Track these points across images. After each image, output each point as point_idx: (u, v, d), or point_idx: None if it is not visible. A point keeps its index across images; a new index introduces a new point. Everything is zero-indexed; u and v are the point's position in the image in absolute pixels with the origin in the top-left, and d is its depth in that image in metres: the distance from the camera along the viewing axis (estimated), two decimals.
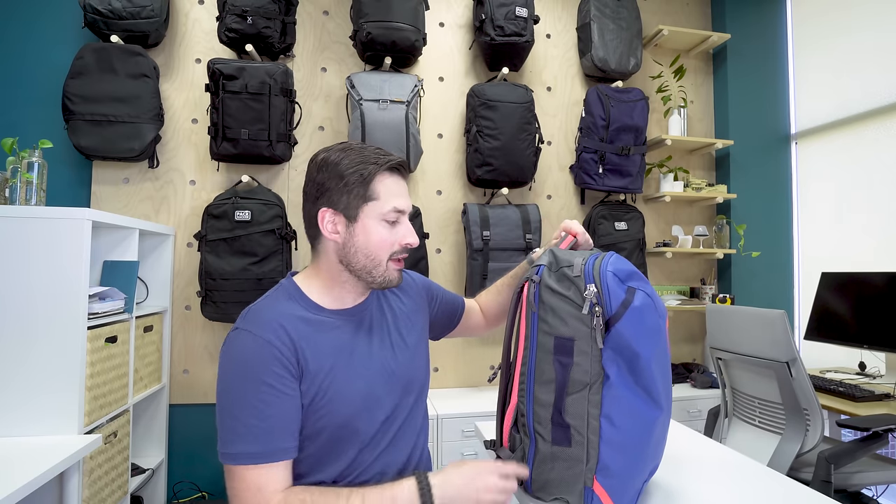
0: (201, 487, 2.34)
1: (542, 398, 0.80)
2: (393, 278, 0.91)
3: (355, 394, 0.86)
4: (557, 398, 0.78)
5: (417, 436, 0.96)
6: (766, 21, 3.08)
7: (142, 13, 2.21)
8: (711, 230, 2.96)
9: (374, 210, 0.87)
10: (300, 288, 0.91)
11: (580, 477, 0.78)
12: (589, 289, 0.76)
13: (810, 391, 1.67)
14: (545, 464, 0.81)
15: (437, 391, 2.57)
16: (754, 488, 0.93)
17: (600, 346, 0.76)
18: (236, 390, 0.79)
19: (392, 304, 1.00)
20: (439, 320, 1.13)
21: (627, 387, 0.77)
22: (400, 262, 0.92)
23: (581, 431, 0.78)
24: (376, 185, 0.87)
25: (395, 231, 0.89)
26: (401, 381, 0.92)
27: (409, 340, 0.98)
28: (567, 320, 0.78)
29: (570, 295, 0.78)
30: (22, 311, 1.49)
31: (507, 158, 2.47)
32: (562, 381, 0.78)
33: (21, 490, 1.13)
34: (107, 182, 2.33)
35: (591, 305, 0.76)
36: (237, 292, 2.15)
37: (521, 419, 0.84)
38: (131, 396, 1.89)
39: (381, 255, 0.88)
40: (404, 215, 0.91)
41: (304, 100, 2.51)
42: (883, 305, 2.09)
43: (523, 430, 0.84)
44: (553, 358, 0.78)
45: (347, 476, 0.86)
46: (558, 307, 0.79)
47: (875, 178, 2.55)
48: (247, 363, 0.80)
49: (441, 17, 2.71)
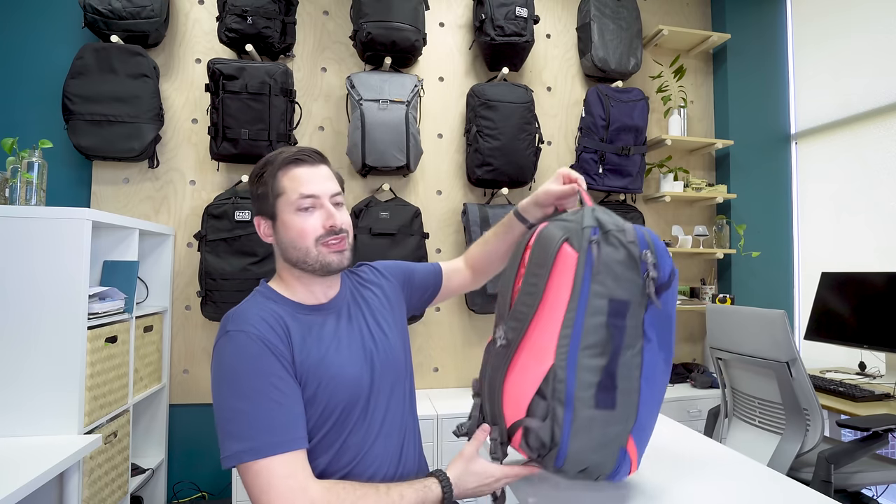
0: (201, 487, 2.34)
1: (589, 362, 0.78)
2: (331, 261, 0.91)
3: (350, 381, 0.88)
4: (611, 361, 0.78)
5: (404, 421, 0.97)
6: (766, 21, 3.08)
7: (142, 13, 2.21)
8: (711, 230, 2.96)
9: (285, 203, 0.90)
10: (275, 290, 0.93)
11: (619, 438, 0.79)
12: (645, 255, 0.78)
13: (810, 391, 1.67)
14: (584, 430, 0.78)
15: (437, 391, 2.57)
16: (754, 488, 0.93)
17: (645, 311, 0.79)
18: (244, 389, 0.79)
19: (366, 297, 1.02)
20: (418, 295, 1.14)
21: (660, 347, 0.81)
22: (332, 244, 0.91)
23: (627, 393, 0.79)
24: (280, 179, 0.91)
25: (313, 217, 0.90)
26: (383, 367, 0.94)
27: (387, 329, 0.99)
28: (624, 284, 0.78)
29: (624, 259, 0.79)
30: (22, 311, 1.49)
31: (507, 158, 2.47)
32: (617, 344, 0.78)
33: (21, 490, 1.13)
34: (107, 182, 2.33)
35: (644, 271, 0.78)
36: (237, 292, 2.15)
37: (557, 385, 0.78)
38: (131, 396, 1.89)
39: (305, 244, 0.89)
40: (319, 199, 0.91)
41: (304, 100, 2.52)
42: (883, 305, 2.09)
43: (556, 397, 0.78)
44: (607, 321, 0.78)
45: (343, 464, 0.87)
46: (617, 271, 0.78)
47: (875, 178, 2.55)
48: (249, 360, 0.81)
49: (441, 17, 2.71)
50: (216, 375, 0.82)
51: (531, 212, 1.01)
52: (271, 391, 0.80)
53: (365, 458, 0.88)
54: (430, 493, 0.83)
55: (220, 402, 0.81)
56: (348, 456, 0.87)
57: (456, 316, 2.65)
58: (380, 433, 0.91)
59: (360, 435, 0.88)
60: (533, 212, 1.01)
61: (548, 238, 0.82)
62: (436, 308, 2.61)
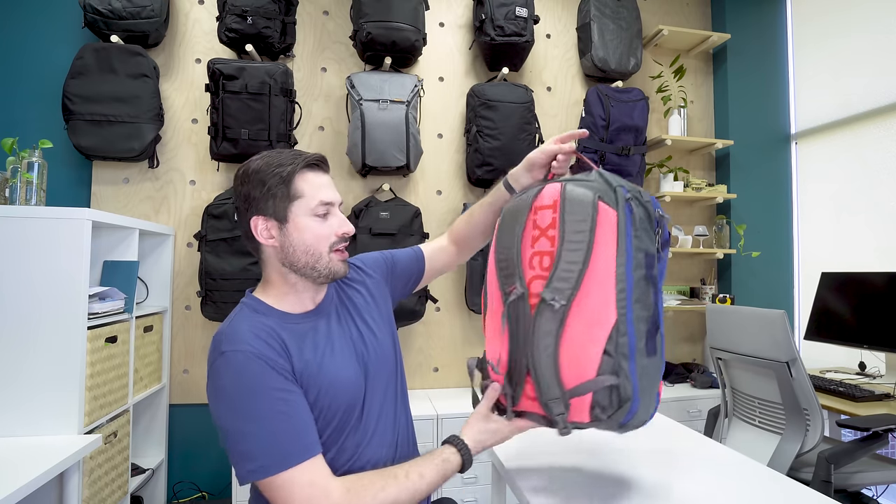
0: (201, 487, 2.34)
1: (640, 314, 0.81)
2: (338, 269, 0.92)
3: (347, 385, 0.89)
4: (656, 310, 0.83)
5: (397, 418, 0.98)
6: (766, 21, 3.08)
7: (142, 13, 2.21)
8: (711, 230, 2.96)
9: (302, 207, 0.89)
10: (263, 301, 0.92)
11: (658, 381, 0.84)
12: (658, 213, 0.84)
13: (810, 391, 1.67)
14: (645, 379, 0.81)
15: (437, 391, 2.57)
16: (754, 488, 0.93)
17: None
18: (250, 410, 0.78)
19: (352, 297, 1.01)
20: (402, 283, 1.15)
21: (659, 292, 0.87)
22: (341, 252, 0.93)
23: (660, 338, 0.84)
24: (298, 183, 0.89)
25: (327, 223, 0.91)
26: (375, 369, 0.95)
27: (375, 329, 1.00)
28: (648, 238, 0.83)
29: (645, 216, 0.84)
30: (22, 312, 1.49)
31: (507, 158, 2.47)
32: (657, 293, 0.85)
33: (21, 490, 1.13)
34: (107, 182, 2.33)
35: (657, 226, 0.85)
36: (237, 292, 2.15)
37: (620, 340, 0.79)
38: (131, 396, 1.89)
39: (320, 249, 0.89)
40: (334, 206, 0.92)
41: (304, 100, 2.51)
42: (883, 305, 2.09)
43: (621, 352, 0.79)
44: (646, 273, 0.82)
45: (339, 465, 0.87)
46: (645, 226, 0.83)
47: (875, 178, 2.55)
48: (251, 379, 0.79)
49: (441, 17, 2.71)
50: (218, 398, 0.80)
51: (521, 179, 1.02)
52: (278, 405, 0.79)
53: (360, 457, 0.89)
54: (450, 464, 0.86)
55: (227, 424, 0.79)
56: (345, 457, 0.87)
57: (456, 316, 2.65)
58: (375, 432, 0.91)
59: (356, 437, 0.89)
60: (523, 178, 1.02)
61: (581, 196, 0.82)
62: (436, 308, 2.61)
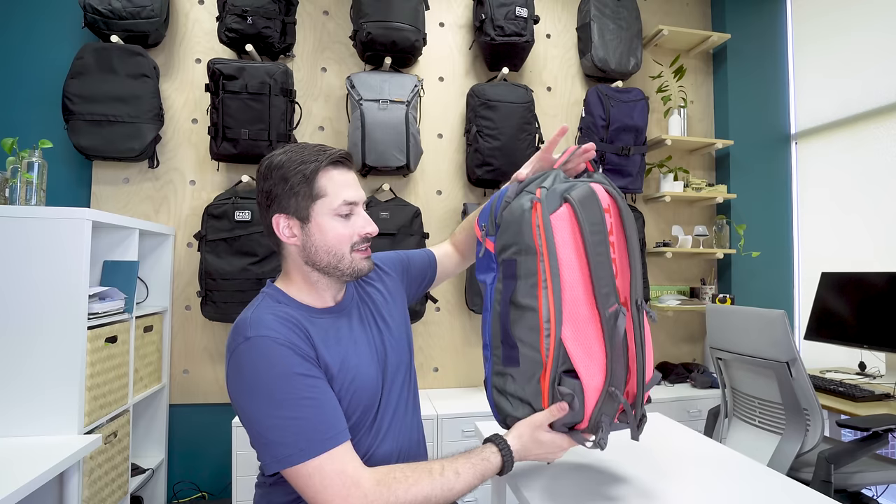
0: (201, 487, 2.34)
1: None
2: (363, 267, 0.91)
3: (368, 384, 0.89)
4: None
5: (413, 414, 0.99)
6: (765, 21, 3.08)
7: (142, 13, 2.21)
8: (711, 230, 2.96)
9: (325, 207, 0.87)
10: (284, 292, 0.91)
11: None
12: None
13: (810, 391, 1.67)
14: None
15: (437, 391, 2.57)
16: (754, 488, 0.93)
17: None
18: (278, 396, 0.77)
19: (371, 294, 1.02)
20: (416, 284, 1.15)
21: None
22: (365, 251, 0.92)
23: None
24: (321, 181, 0.87)
25: (350, 223, 0.90)
26: (393, 368, 0.96)
27: (393, 326, 1.00)
28: None
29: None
30: (22, 311, 1.49)
31: (507, 158, 2.47)
32: None
33: (21, 490, 1.13)
34: (107, 182, 2.33)
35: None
36: (237, 292, 2.15)
37: None
38: (131, 396, 1.89)
39: (342, 249, 0.88)
40: (357, 206, 0.91)
41: (304, 100, 2.51)
42: (883, 305, 2.09)
43: None
44: None
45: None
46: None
47: (875, 178, 2.55)
48: (278, 364, 0.78)
49: (441, 17, 2.71)
50: (241, 385, 0.78)
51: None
52: (306, 391, 0.78)
53: (374, 455, 0.88)
54: (490, 465, 0.81)
55: (251, 411, 0.77)
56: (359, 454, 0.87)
57: (456, 316, 2.65)
58: (387, 433, 0.91)
59: (371, 435, 0.89)
60: None
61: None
62: (436, 308, 2.61)
